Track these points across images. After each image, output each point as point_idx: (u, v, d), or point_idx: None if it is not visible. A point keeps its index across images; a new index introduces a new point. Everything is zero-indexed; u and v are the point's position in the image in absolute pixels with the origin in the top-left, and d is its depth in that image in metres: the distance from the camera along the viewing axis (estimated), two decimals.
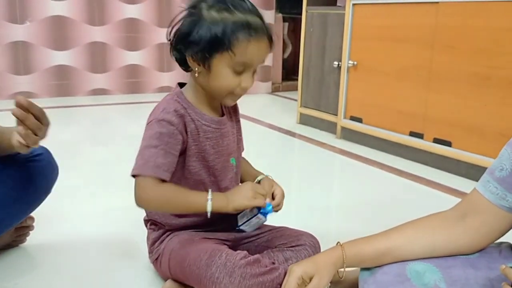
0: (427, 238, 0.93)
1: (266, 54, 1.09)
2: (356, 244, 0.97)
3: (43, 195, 1.30)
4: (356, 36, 2.71)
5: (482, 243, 0.92)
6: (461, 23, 2.13)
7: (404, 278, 0.85)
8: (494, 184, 0.89)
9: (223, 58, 1.04)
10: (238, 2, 1.06)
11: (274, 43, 1.10)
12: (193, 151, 1.13)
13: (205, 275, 1.03)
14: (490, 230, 0.90)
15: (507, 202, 0.88)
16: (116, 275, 1.29)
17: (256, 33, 1.04)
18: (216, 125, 1.16)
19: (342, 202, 1.98)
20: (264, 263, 1.05)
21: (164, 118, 1.08)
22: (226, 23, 1.03)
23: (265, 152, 2.59)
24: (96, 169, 2.22)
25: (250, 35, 1.03)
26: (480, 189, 0.92)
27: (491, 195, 0.89)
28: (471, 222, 0.91)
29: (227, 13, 1.04)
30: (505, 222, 0.90)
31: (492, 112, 2.05)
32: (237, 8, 1.05)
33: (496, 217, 0.89)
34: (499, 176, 0.89)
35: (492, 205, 0.89)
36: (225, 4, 1.05)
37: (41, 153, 1.28)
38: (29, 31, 3.67)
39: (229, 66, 1.05)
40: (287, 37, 4.81)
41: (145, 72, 4.13)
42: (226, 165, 1.19)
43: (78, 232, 1.54)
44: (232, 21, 1.03)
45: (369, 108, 2.68)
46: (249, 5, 1.07)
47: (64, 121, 3.19)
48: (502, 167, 0.89)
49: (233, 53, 1.03)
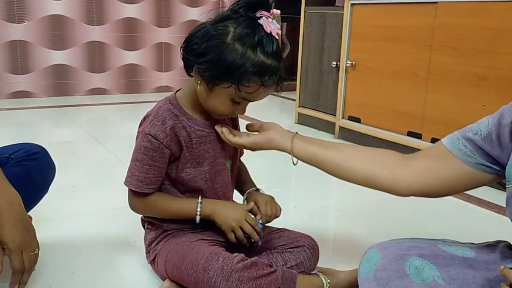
0: (370, 155, 1.02)
1: (268, 94, 1.07)
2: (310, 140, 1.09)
3: (40, 194, 1.29)
4: (354, 36, 2.71)
5: (419, 183, 0.96)
6: (460, 24, 2.13)
7: (403, 274, 0.86)
8: (464, 142, 0.93)
9: (228, 89, 1.03)
10: (267, 41, 1.01)
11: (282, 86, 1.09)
12: (187, 158, 1.13)
13: (202, 279, 1.02)
14: (438, 176, 0.95)
15: (474, 159, 0.92)
16: (114, 275, 1.29)
17: (269, 79, 1.01)
18: (209, 128, 1.15)
19: (340, 203, 1.98)
20: (262, 266, 1.05)
21: (149, 133, 1.09)
22: (245, 61, 0.99)
23: (263, 153, 2.58)
24: (94, 168, 2.21)
25: (262, 81, 1.01)
26: (447, 144, 0.95)
27: (458, 151, 0.93)
28: (420, 162, 0.96)
29: (251, 51, 1.00)
30: (466, 176, 0.93)
31: (490, 112, 2.03)
32: (263, 49, 1.00)
33: (455, 168, 0.93)
34: (471, 137, 0.93)
35: (456, 158, 0.93)
36: (253, 39, 1.00)
37: (38, 151, 1.27)
38: (27, 30, 3.66)
39: (230, 97, 1.04)
40: (286, 37, 4.81)
41: (144, 71, 4.13)
42: (222, 169, 1.19)
43: (76, 231, 1.54)
44: (252, 61, 0.99)
45: (368, 108, 2.68)
46: (275, 47, 1.02)
47: (62, 121, 3.18)
48: (477, 131, 0.93)
49: (239, 90, 1.02)
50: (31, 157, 1.25)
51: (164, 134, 1.09)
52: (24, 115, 3.29)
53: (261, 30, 1.01)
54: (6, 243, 0.99)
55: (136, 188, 1.11)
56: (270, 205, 1.20)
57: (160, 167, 1.11)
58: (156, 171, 1.11)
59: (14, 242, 0.99)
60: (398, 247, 0.92)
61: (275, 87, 1.06)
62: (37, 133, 2.88)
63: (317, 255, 1.21)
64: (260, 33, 1.00)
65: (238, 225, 1.13)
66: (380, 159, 1.02)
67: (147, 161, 1.10)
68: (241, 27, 1.01)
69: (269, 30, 1.02)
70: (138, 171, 1.11)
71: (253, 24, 1.01)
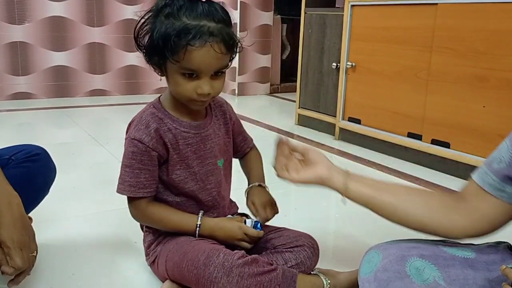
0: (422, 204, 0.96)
1: (218, 59, 1.03)
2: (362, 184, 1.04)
3: (40, 195, 1.29)
4: (354, 37, 2.71)
5: (474, 228, 0.93)
6: (460, 25, 2.13)
7: (403, 275, 0.86)
8: (492, 176, 0.90)
9: (171, 65, 1.03)
10: (189, 5, 1.01)
11: (235, 45, 1.06)
12: (175, 160, 1.14)
13: (203, 275, 1.02)
14: (483, 217, 0.91)
15: (506, 193, 0.89)
16: (114, 276, 1.29)
17: (194, 38, 0.99)
18: (195, 130, 1.15)
19: (340, 203, 1.97)
20: (262, 263, 1.05)
21: (135, 137, 1.10)
22: (168, 29, 1.00)
23: (263, 153, 2.58)
24: (94, 170, 2.21)
25: (187, 41, 0.99)
26: (478, 181, 0.93)
27: (490, 186, 0.91)
28: (467, 205, 0.93)
29: (173, 18, 1.01)
30: (504, 212, 0.90)
31: (490, 113, 2.05)
32: (184, 13, 1.01)
33: (491, 205, 0.90)
34: (497, 168, 0.90)
35: (490, 195, 0.90)
36: (174, 8, 1.01)
37: (39, 153, 1.27)
38: (27, 32, 3.67)
39: (178, 72, 1.04)
40: (286, 39, 4.81)
41: (144, 73, 4.13)
42: (212, 169, 1.19)
43: (76, 232, 1.54)
44: (173, 27, 1.00)
45: (368, 109, 2.68)
46: (202, 9, 1.01)
47: (63, 122, 3.18)
48: (500, 159, 0.90)
49: (177, 60, 1.01)
50: (31, 158, 1.25)
51: (149, 137, 1.10)
52: (24, 116, 3.29)
53: None
54: (5, 242, 0.98)
55: (129, 194, 1.12)
56: (269, 209, 1.22)
57: (151, 170, 1.12)
58: (148, 174, 1.12)
59: (13, 241, 0.99)
60: (398, 248, 0.92)
61: (220, 47, 1.01)
62: (37, 135, 2.88)
63: (317, 254, 1.21)
64: (179, 1, 1.02)
65: (236, 243, 1.16)
66: (433, 203, 0.97)
67: (136, 166, 1.11)
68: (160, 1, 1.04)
69: None
70: (129, 176, 1.11)
71: None
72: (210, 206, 1.20)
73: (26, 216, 1.06)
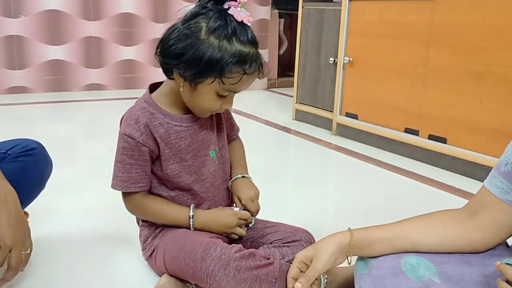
0: (438, 230, 0.92)
1: (252, 82, 1.08)
2: (366, 229, 0.97)
3: (37, 190, 1.29)
4: (352, 32, 2.71)
5: (494, 239, 0.91)
6: (458, 20, 2.13)
7: (398, 271, 0.86)
8: (500, 178, 0.89)
9: (212, 84, 1.04)
10: (240, 30, 1.02)
11: (264, 72, 1.09)
12: (168, 154, 1.14)
13: (200, 268, 1.03)
14: (500, 227, 0.90)
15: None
16: (111, 270, 1.29)
17: (251, 66, 1.03)
18: (188, 122, 1.16)
19: (337, 198, 1.98)
20: (259, 257, 1.06)
21: (125, 133, 1.11)
22: (223, 53, 1.00)
23: (260, 148, 2.58)
24: (91, 164, 2.21)
25: (244, 69, 1.02)
26: (486, 185, 0.92)
27: (497, 189, 0.89)
28: (481, 219, 0.90)
29: (227, 42, 1.01)
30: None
31: (487, 109, 2.05)
32: (238, 38, 1.02)
33: (504, 212, 0.88)
34: (504, 170, 0.89)
35: (499, 200, 0.89)
36: (226, 31, 1.01)
37: (35, 147, 1.27)
38: (23, 25, 3.64)
39: (215, 91, 1.06)
40: (283, 33, 4.80)
41: (141, 67, 4.11)
42: (205, 160, 1.19)
43: (73, 227, 1.53)
44: (230, 52, 1.01)
45: (365, 104, 2.68)
46: (250, 36, 1.04)
47: (59, 116, 3.17)
48: (507, 162, 0.89)
49: (223, 83, 1.03)
50: (27, 153, 1.24)
51: (139, 132, 1.11)
52: (20, 110, 3.28)
53: (233, 20, 1.02)
54: None
55: (121, 189, 1.14)
56: (255, 202, 1.22)
57: (142, 165, 1.13)
58: (139, 169, 1.13)
59: (7, 240, 0.99)
60: None
61: (258, 73, 1.07)
62: (33, 129, 2.87)
63: None
64: (232, 23, 1.02)
65: (231, 231, 1.18)
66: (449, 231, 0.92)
67: (127, 161, 1.12)
68: (212, 21, 1.02)
69: (240, 19, 1.03)
70: (121, 171, 1.13)
71: (223, 15, 1.02)
72: (205, 197, 1.20)
73: (22, 212, 1.06)
